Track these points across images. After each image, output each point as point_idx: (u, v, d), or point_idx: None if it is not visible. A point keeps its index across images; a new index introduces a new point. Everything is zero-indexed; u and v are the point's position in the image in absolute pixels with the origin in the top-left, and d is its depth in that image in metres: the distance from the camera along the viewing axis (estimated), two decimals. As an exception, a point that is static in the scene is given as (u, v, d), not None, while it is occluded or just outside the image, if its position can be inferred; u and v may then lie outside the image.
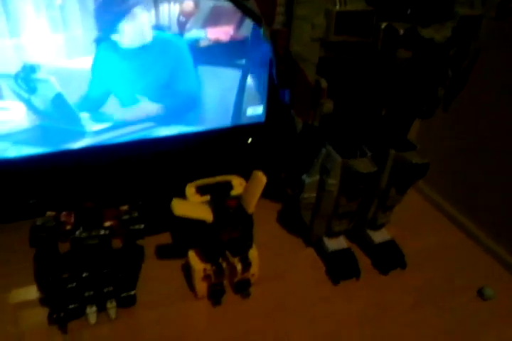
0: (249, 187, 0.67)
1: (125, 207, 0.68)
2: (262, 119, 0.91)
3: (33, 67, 0.71)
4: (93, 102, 0.78)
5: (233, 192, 0.72)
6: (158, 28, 0.76)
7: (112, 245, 0.67)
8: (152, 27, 0.75)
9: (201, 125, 0.87)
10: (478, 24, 0.61)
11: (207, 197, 0.71)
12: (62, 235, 0.64)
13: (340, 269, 0.81)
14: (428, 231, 0.93)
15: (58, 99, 0.74)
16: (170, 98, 0.83)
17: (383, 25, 0.58)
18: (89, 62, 0.74)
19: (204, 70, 0.82)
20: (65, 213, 0.65)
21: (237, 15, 0.78)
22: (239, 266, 0.72)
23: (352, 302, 0.77)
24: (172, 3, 0.74)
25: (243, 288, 0.76)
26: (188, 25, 0.76)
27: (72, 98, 0.76)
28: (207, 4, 0.76)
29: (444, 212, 0.97)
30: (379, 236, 0.85)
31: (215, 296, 0.74)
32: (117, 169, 0.84)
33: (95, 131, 0.80)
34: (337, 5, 0.57)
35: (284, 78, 0.64)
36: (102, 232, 0.65)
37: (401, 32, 0.58)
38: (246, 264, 0.72)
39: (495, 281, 0.81)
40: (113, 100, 0.79)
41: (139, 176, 0.88)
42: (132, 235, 0.68)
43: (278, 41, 0.60)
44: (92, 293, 0.68)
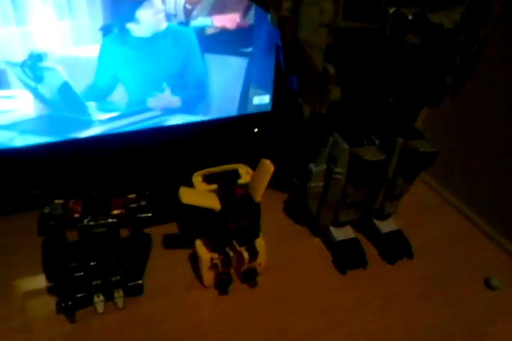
0: (256, 175, 0.67)
1: (133, 196, 0.68)
2: (269, 108, 0.91)
3: (40, 56, 0.70)
4: (100, 91, 0.77)
5: (240, 180, 0.72)
6: (171, 17, 0.75)
7: (120, 234, 0.67)
8: (167, 15, 0.75)
9: (208, 114, 0.87)
10: (487, 9, 0.61)
11: (214, 186, 0.71)
12: (70, 223, 0.63)
13: (347, 259, 0.80)
14: (435, 221, 0.93)
15: (65, 88, 0.74)
16: (179, 88, 0.82)
17: (391, 10, 0.58)
18: (97, 50, 0.74)
19: (210, 59, 0.81)
20: (73, 201, 0.65)
21: (243, 2, 0.77)
22: (246, 255, 0.71)
23: (359, 291, 0.77)
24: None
25: (250, 278, 0.75)
26: (195, 12, 0.76)
27: (79, 87, 0.76)
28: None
29: (450, 203, 0.97)
30: (386, 226, 0.85)
31: (222, 285, 0.74)
32: (124, 158, 0.84)
33: (102, 120, 0.79)
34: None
35: (292, 65, 0.64)
36: (110, 220, 0.64)
37: (409, 17, 0.57)
38: (253, 253, 0.72)
39: (501, 272, 0.81)
40: (120, 89, 0.79)
41: (146, 165, 0.87)
42: (140, 223, 0.67)
43: (286, 28, 0.60)
44: (100, 282, 0.68)
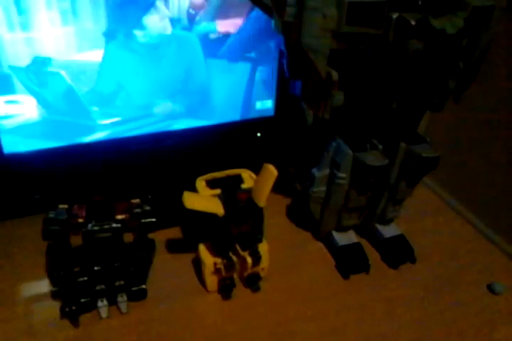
0: (259, 180, 0.67)
1: (137, 201, 0.68)
2: (272, 113, 0.92)
3: (45, 61, 0.70)
4: (104, 96, 0.78)
5: (243, 185, 0.72)
6: (176, 23, 0.76)
7: (123, 239, 0.67)
8: (171, 21, 0.75)
9: (211, 119, 0.87)
10: (490, 15, 0.61)
11: (217, 191, 0.71)
12: (74, 228, 0.64)
13: (349, 264, 0.80)
14: (437, 226, 0.93)
15: (69, 93, 0.74)
16: (183, 93, 0.83)
17: (395, 15, 0.58)
18: (100, 55, 0.74)
19: (213, 64, 0.82)
20: (77, 206, 0.65)
21: (246, 7, 0.78)
22: (249, 260, 0.71)
23: (362, 296, 0.76)
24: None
25: (253, 282, 0.75)
26: (198, 18, 0.76)
27: (82, 92, 0.76)
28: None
29: (453, 207, 0.97)
30: (388, 230, 0.85)
31: (226, 290, 0.74)
32: (127, 163, 0.84)
33: (105, 125, 0.80)
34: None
35: (295, 70, 0.64)
36: (114, 225, 0.64)
37: (412, 22, 0.57)
38: (256, 258, 0.72)
39: (504, 277, 0.81)
40: (124, 94, 0.79)
41: (149, 170, 0.88)
42: (144, 228, 0.67)
43: (290, 33, 0.60)
44: (104, 287, 0.68)
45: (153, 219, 0.67)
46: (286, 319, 0.72)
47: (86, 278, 0.66)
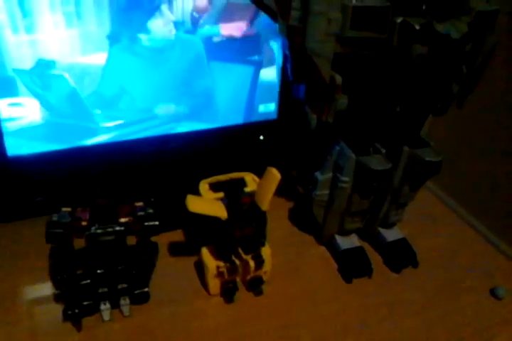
0: (263, 183, 0.67)
1: (140, 204, 0.68)
2: (275, 116, 0.92)
3: (48, 63, 0.71)
4: (107, 99, 0.78)
5: (247, 189, 0.72)
6: (180, 26, 0.76)
7: (126, 242, 0.67)
8: (175, 24, 0.75)
9: (214, 122, 0.87)
10: (494, 19, 0.61)
11: (220, 194, 0.71)
12: (77, 231, 0.63)
13: (352, 267, 0.80)
14: (440, 229, 0.92)
15: (72, 96, 0.74)
16: (187, 96, 0.83)
17: (399, 20, 0.58)
18: (104, 58, 0.74)
19: (217, 67, 0.82)
20: (81, 209, 0.65)
21: (250, 10, 0.78)
22: (252, 264, 0.71)
23: (364, 300, 0.76)
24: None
25: (256, 286, 0.75)
26: (202, 21, 0.76)
27: (86, 94, 0.76)
28: (220, 0, 0.76)
29: (456, 211, 0.97)
30: (391, 234, 0.84)
31: (228, 294, 0.74)
32: (130, 166, 0.84)
33: (109, 128, 0.80)
34: (353, 0, 0.57)
35: (299, 74, 0.64)
36: (118, 228, 0.64)
37: (417, 27, 0.57)
38: (259, 262, 0.72)
39: (507, 281, 0.80)
40: (127, 97, 0.79)
41: (152, 173, 0.88)
42: (147, 231, 0.67)
43: (294, 37, 0.60)
44: (106, 290, 0.67)
45: (156, 222, 0.67)
46: (288, 323, 0.72)
47: (89, 281, 0.66)
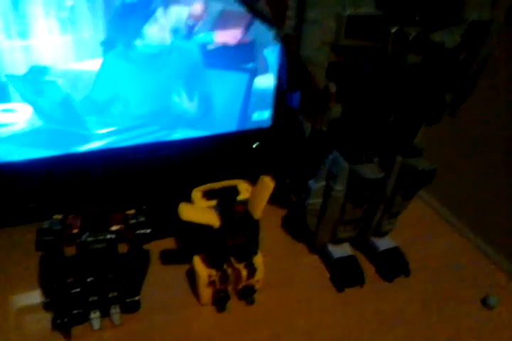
0: (256, 192, 0.67)
1: (132, 212, 0.68)
2: (269, 124, 0.92)
3: (41, 69, 0.70)
4: (100, 106, 0.77)
5: (240, 197, 0.72)
6: (175, 33, 0.76)
7: (118, 250, 0.67)
8: (171, 31, 0.75)
9: (208, 129, 0.87)
10: (487, 29, 0.61)
11: (213, 202, 0.71)
12: (68, 239, 0.63)
13: (344, 276, 0.80)
14: (432, 239, 0.92)
15: (65, 102, 0.74)
16: (180, 103, 0.82)
17: (393, 29, 0.58)
18: (98, 65, 0.74)
19: (211, 74, 0.82)
20: (72, 216, 0.64)
21: (245, 18, 0.78)
22: (244, 272, 0.71)
23: (356, 309, 0.76)
24: (183, 6, 0.74)
25: (248, 295, 0.75)
26: (196, 28, 0.76)
27: (78, 101, 0.76)
28: (215, 7, 0.76)
29: (448, 220, 0.97)
30: (383, 243, 0.84)
31: (220, 302, 0.73)
32: (123, 173, 0.84)
33: (101, 134, 0.79)
34: (348, 9, 0.57)
35: (294, 82, 0.64)
36: (109, 236, 0.64)
37: (411, 36, 0.58)
38: (251, 270, 0.71)
39: (498, 291, 0.80)
40: (121, 104, 0.79)
41: (145, 180, 0.87)
42: (138, 240, 0.67)
43: (290, 46, 0.60)
44: (97, 298, 0.67)
45: (148, 230, 0.66)
46: (280, 332, 0.71)
47: (79, 290, 0.66)
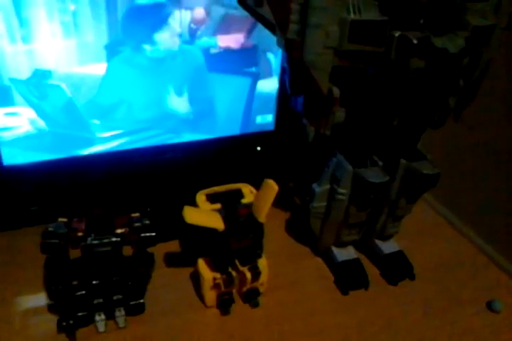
0: (260, 195, 0.67)
1: (136, 215, 0.68)
2: (272, 127, 0.92)
3: (45, 73, 0.71)
4: (104, 109, 0.78)
5: (244, 200, 0.72)
6: (180, 37, 0.76)
7: (123, 252, 0.67)
8: (177, 35, 0.76)
9: (211, 133, 0.87)
10: (491, 34, 0.61)
11: (217, 205, 0.71)
12: (73, 242, 0.63)
13: (348, 279, 0.80)
14: (437, 242, 0.92)
15: (69, 106, 0.74)
16: (185, 107, 0.83)
17: (397, 34, 0.58)
18: (102, 68, 0.75)
19: (214, 78, 0.82)
20: (77, 219, 0.64)
21: (247, 23, 0.78)
22: (248, 275, 0.71)
23: (360, 312, 0.76)
24: (188, 10, 0.74)
25: (252, 298, 0.75)
26: (199, 32, 0.77)
27: (82, 104, 0.76)
28: (218, 12, 0.76)
29: (453, 224, 0.97)
30: (388, 246, 0.84)
31: (224, 305, 0.73)
32: (127, 176, 0.84)
33: (105, 138, 0.80)
34: (351, 13, 0.57)
35: (297, 86, 0.64)
36: (114, 239, 0.64)
37: (414, 41, 0.58)
38: (255, 273, 0.72)
39: (503, 295, 0.80)
40: (125, 107, 0.79)
41: (149, 183, 0.87)
42: (143, 243, 0.67)
43: (292, 50, 0.60)
44: (101, 301, 0.67)
45: (152, 233, 0.67)
46: (284, 335, 0.71)
47: (84, 292, 0.66)
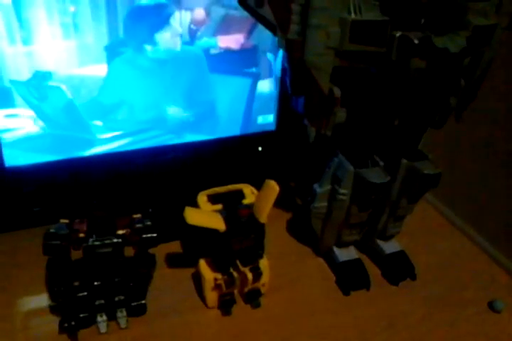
0: (261, 196, 0.67)
1: (138, 216, 0.68)
2: (273, 128, 0.92)
3: (45, 75, 0.71)
4: (105, 111, 0.78)
5: (245, 201, 0.72)
6: (181, 37, 0.76)
7: (124, 253, 0.67)
8: (179, 36, 0.76)
9: (212, 133, 0.87)
10: (492, 33, 0.61)
11: (219, 206, 0.71)
12: (75, 243, 0.63)
13: (350, 280, 0.80)
14: (438, 242, 0.92)
15: (69, 107, 0.75)
16: (186, 108, 0.83)
17: (398, 34, 0.58)
18: (103, 70, 0.75)
19: (215, 78, 0.82)
20: (78, 221, 0.64)
21: (248, 23, 0.78)
22: (249, 276, 0.71)
23: (362, 312, 0.76)
24: (189, 11, 0.74)
25: (253, 298, 0.75)
26: (199, 33, 0.77)
27: (83, 106, 0.76)
28: (219, 12, 0.76)
29: (454, 224, 0.97)
30: (389, 246, 0.84)
31: (226, 306, 0.73)
32: (128, 177, 0.84)
33: (106, 139, 0.80)
34: (352, 14, 0.57)
35: (298, 87, 0.64)
36: (115, 240, 0.64)
37: (415, 41, 0.57)
38: (257, 274, 0.72)
39: (505, 294, 0.80)
40: (126, 108, 0.79)
41: (150, 184, 0.87)
42: (145, 244, 0.67)
43: (293, 51, 0.60)
44: (103, 302, 0.67)
45: (154, 234, 0.66)
46: (286, 335, 0.71)
47: (86, 293, 0.66)
